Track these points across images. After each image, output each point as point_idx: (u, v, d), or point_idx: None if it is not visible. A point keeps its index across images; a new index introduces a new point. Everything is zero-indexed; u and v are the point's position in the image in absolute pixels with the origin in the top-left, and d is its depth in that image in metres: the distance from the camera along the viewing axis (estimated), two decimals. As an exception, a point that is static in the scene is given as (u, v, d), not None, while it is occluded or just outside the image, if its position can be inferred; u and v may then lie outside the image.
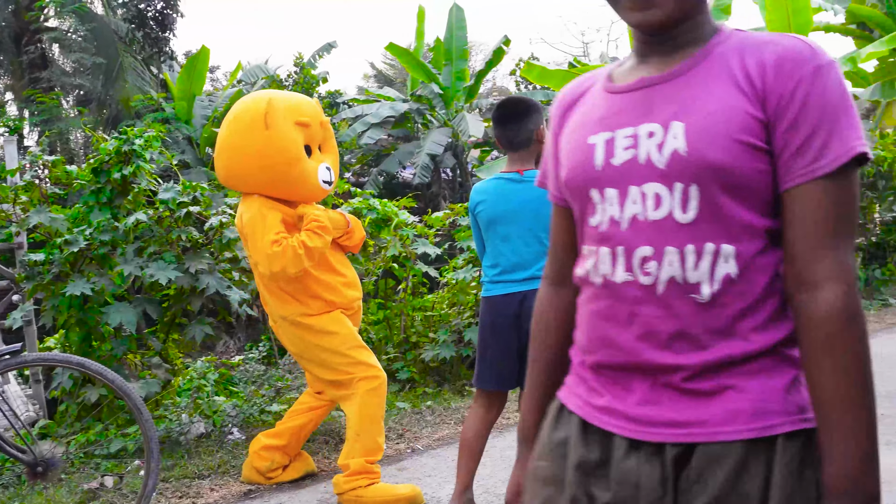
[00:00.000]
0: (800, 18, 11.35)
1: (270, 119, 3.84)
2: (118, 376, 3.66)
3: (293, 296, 3.91)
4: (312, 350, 3.93)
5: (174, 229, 5.29)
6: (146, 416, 3.61)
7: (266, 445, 4.24)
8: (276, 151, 3.85)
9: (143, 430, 3.62)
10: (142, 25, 19.08)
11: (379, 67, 32.39)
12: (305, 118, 3.98)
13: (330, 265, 3.94)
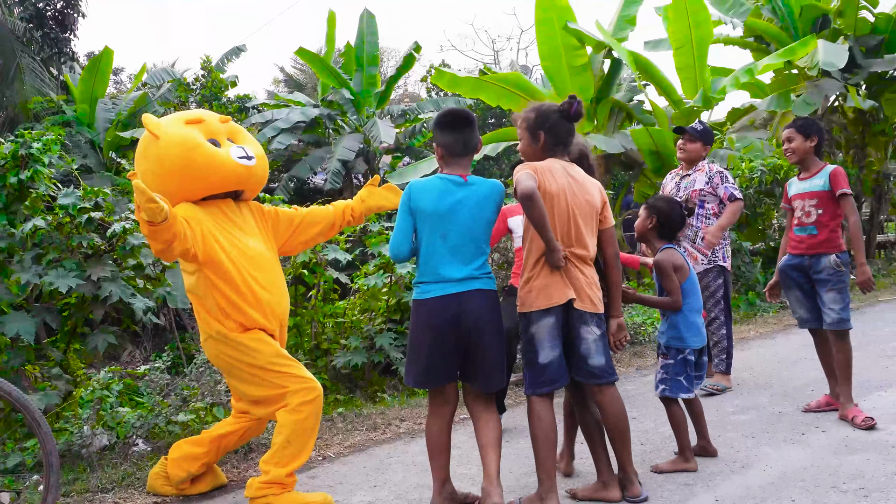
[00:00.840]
0: (701, 31, 11.72)
1: (156, 130, 3.84)
2: (15, 388, 3.51)
3: (209, 313, 3.83)
4: (239, 368, 3.83)
5: (75, 236, 5.11)
6: (45, 429, 3.48)
7: (186, 454, 4.11)
8: (174, 145, 3.81)
9: (42, 443, 3.48)
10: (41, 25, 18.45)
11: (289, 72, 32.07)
12: (193, 117, 4.00)
13: (234, 283, 3.80)
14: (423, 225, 3.55)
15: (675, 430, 4.28)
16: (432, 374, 3.57)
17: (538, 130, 3.75)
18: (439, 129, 3.69)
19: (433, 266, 3.54)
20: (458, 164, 3.67)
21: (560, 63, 11.82)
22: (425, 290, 3.54)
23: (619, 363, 7.01)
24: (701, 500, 3.78)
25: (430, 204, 3.54)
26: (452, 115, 3.71)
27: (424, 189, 3.57)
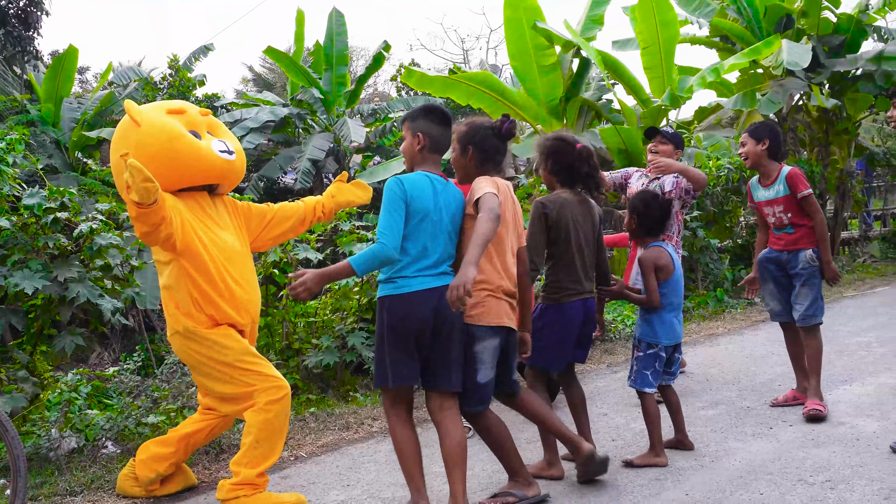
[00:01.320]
0: (667, 31, 11.83)
1: (137, 116, 3.79)
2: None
3: (178, 307, 3.80)
4: (207, 364, 3.79)
5: (40, 236, 5.05)
6: (12, 432, 3.44)
7: (154, 455, 4.07)
8: (156, 133, 3.77)
9: (8, 448, 3.44)
10: (3, 23, 18.17)
11: (258, 71, 31.92)
12: (175, 107, 3.98)
13: (210, 275, 3.79)
14: (417, 220, 3.49)
15: (647, 424, 4.33)
16: (405, 371, 3.48)
17: (468, 144, 3.77)
18: (431, 121, 3.64)
19: (414, 261, 3.48)
20: (435, 162, 3.67)
21: (529, 62, 11.87)
22: (403, 284, 3.47)
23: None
24: (671, 494, 3.81)
25: (423, 200, 3.50)
26: (443, 111, 3.71)
27: (415, 184, 3.51)
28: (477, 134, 3.77)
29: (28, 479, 3.67)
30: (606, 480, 4.03)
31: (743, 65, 11.76)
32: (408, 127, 3.68)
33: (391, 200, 3.47)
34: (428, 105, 3.74)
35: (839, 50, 13.31)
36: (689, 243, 9.61)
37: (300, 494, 3.83)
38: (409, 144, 3.67)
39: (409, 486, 3.53)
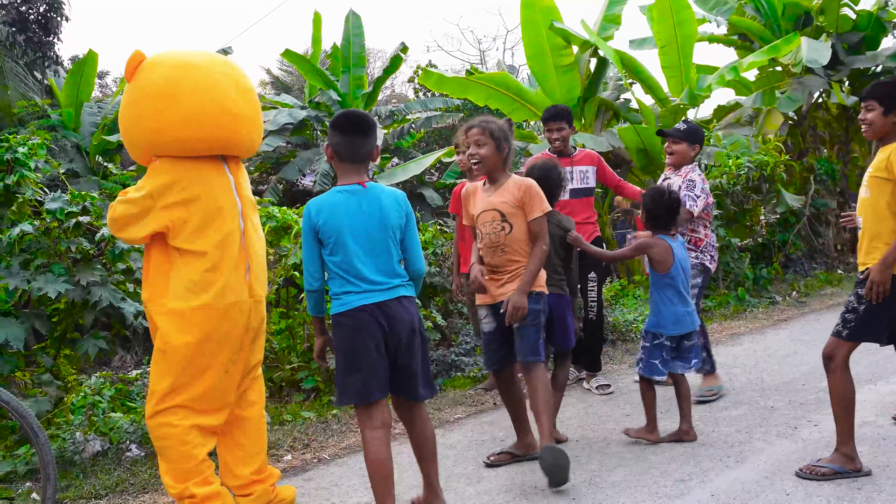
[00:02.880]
0: (685, 30, 11.77)
1: None
2: (12, 396, 3.48)
3: None
4: None
5: (63, 240, 5.08)
6: (43, 438, 3.45)
7: None
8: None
9: (39, 454, 3.45)
10: (24, 29, 18.33)
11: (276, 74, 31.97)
12: None
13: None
14: (332, 243, 3.43)
15: (644, 404, 4.72)
16: (372, 386, 3.42)
17: (504, 142, 4.24)
18: (335, 131, 3.54)
19: (353, 275, 3.43)
20: (354, 170, 3.54)
21: (546, 63, 11.83)
22: (347, 301, 3.43)
23: (611, 360, 7.03)
24: (696, 495, 3.79)
25: (333, 221, 3.42)
26: (347, 116, 3.58)
27: (322, 207, 3.45)
28: (510, 135, 4.29)
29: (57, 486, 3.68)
30: (631, 480, 4.01)
31: (762, 63, 11.67)
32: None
33: (302, 230, 3.54)
34: (336, 115, 3.59)
35: (858, 47, 13.19)
36: (710, 242, 9.54)
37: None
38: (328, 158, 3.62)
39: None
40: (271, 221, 6.20)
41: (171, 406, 3.49)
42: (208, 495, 3.49)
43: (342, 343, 3.47)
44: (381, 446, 3.42)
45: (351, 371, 3.44)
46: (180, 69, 3.57)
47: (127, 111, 3.62)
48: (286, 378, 6.21)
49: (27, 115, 15.54)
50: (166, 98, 3.50)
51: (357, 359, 3.42)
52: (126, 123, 3.63)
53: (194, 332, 3.46)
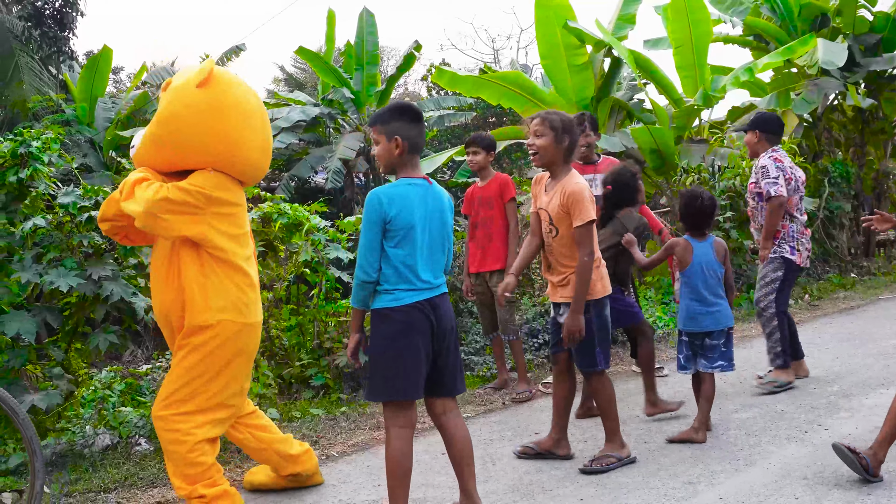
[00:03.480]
0: (700, 30, 11.72)
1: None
2: (6, 393, 3.49)
3: None
4: None
5: (75, 234, 5.09)
6: (31, 433, 3.48)
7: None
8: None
9: (28, 446, 3.48)
10: (39, 24, 18.41)
11: (289, 71, 32.05)
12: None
13: None
14: (401, 236, 3.37)
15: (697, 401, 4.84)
16: (412, 385, 3.41)
17: (565, 134, 4.17)
18: (408, 121, 3.47)
19: (412, 271, 3.40)
20: (415, 163, 3.52)
21: (560, 62, 11.81)
22: (402, 296, 3.39)
23: (620, 362, 7.01)
24: (705, 498, 3.77)
25: (405, 214, 3.37)
26: (414, 108, 3.55)
27: (394, 199, 3.37)
28: (574, 128, 4.20)
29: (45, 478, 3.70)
30: (640, 482, 4.00)
31: (777, 64, 11.61)
32: (380, 131, 3.48)
33: (367, 221, 3.39)
34: (398, 105, 3.57)
35: (875, 49, 13.10)
36: (722, 244, 9.50)
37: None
38: (386, 150, 3.47)
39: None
40: (283, 218, 6.20)
41: (187, 412, 3.53)
42: (218, 495, 3.52)
43: (388, 339, 3.39)
44: (406, 445, 3.41)
45: (395, 368, 3.38)
46: (253, 97, 3.80)
47: (205, 117, 3.57)
48: (295, 375, 6.22)
49: (42, 110, 15.63)
50: (248, 119, 3.69)
51: (404, 356, 3.38)
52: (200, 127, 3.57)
53: (236, 345, 3.62)
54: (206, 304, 3.56)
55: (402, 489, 3.41)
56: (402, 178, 3.47)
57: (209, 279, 3.58)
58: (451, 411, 3.58)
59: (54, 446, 4.68)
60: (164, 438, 3.53)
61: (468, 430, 3.62)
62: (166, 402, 3.54)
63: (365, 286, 3.41)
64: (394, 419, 3.42)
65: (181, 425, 3.51)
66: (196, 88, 3.55)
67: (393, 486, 3.40)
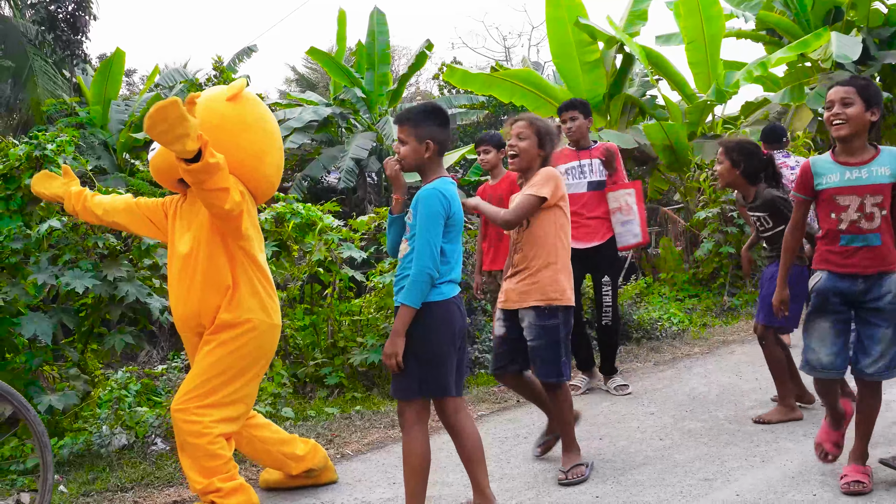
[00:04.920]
0: (713, 26, 11.68)
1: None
2: (14, 391, 3.52)
3: None
4: None
5: (90, 236, 5.13)
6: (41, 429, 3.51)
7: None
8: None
9: (37, 440, 3.50)
10: (52, 28, 18.55)
11: (300, 71, 32.12)
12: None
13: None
14: (449, 232, 3.39)
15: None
16: (454, 382, 3.41)
17: (546, 140, 4.12)
18: (439, 124, 3.48)
19: (454, 266, 3.44)
20: (442, 164, 3.54)
21: (572, 59, 11.79)
22: (444, 290, 3.38)
23: (636, 358, 6.99)
24: (721, 494, 3.76)
25: (459, 211, 3.43)
26: (443, 110, 3.56)
27: (455, 197, 3.42)
28: (555, 140, 4.15)
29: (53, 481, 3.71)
30: (656, 479, 3.99)
31: (790, 58, 11.56)
32: (409, 132, 3.45)
33: (433, 216, 3.33)
34: (430, 107, 3.55)
35: (890, 42, 13.02)
36: (737, 240, 9.47)
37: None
38: (415, 151, 3.45)
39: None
40: (296, 218, 6.22)
41: (207, 405, 3.56)
42: (234, 489, 3.54)
43: (430, 332, 3.34)
44: (427, 443, 3.40)
45: (436, 363, 3.35)
46: (272, 118, 3.94)
47: (236, 128, 3.70)
48: (310, 374, 6.23)
49: (56, 113, 15.73)
50: (269, 136, 3.85)
51: (443, 351, 3.36)
52: (230, 137, 3.66)
53: (262, 345, 3.70)
54: (239, 302, 3.64)
55: (423, 488, 3.40)
56: (439, 177, 3.46)
57: (242, 278, 3.67)
58: (462, 410, 3.56)
59: (71, 446, 4.70)
60: (184, 431, 3.55)
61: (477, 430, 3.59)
62: (188, 396, 3.57)
63: (428, 284, 3.32)
64: (417, 418, 3.39)
65: (202, 418, 3.53)
66: (226, 101, 3.71)
67: (414, 486, 3.38)
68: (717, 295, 9.74)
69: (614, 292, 5.85)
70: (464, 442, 3.52)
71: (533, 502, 3.81)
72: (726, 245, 9.46)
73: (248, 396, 3.72)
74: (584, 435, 4.82)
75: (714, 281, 10.01)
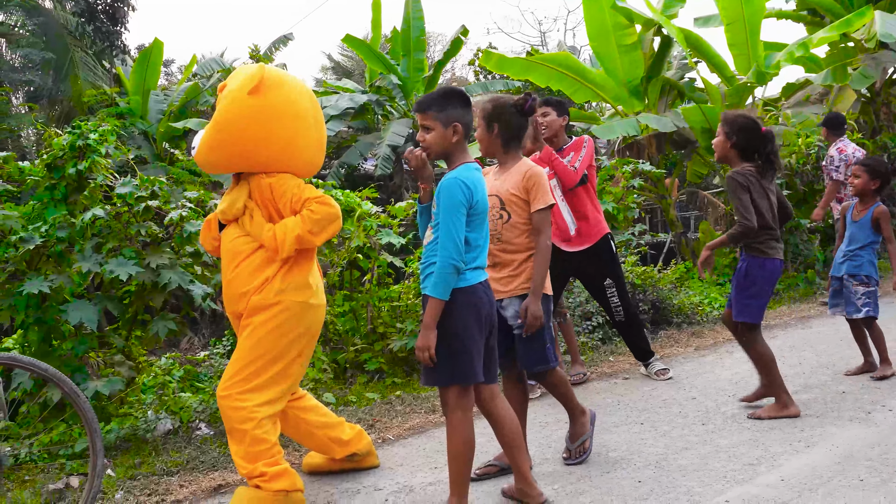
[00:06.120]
0: (752, 6, 11.48)
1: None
2: (66, 378, 3.57)
3: None
4: None
5: (133, 224, 5.19)
6: (91, 415, 3.56)
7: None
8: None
9: (87, 426, 3.56)
10: (92, 19, 18.76)
11: (336, 59, 32.22)
12: None
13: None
14: (472, 220, 3.36)
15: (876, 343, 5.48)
16: (479, 367, 3.38)
17: (493, 122, 3.87)
18: (463, 106, 3.43)
19: (479, 252, 3.41)
20: (467, 148, 3.50)
21: (609, 42, 11.68)
22: (469, 276, 3.36)
23: (676, 343, 6.93)
24: (766, 479, 3.72)
25: (483, 198, 3.38)
26: (464, 93, 3.50)
27: (475, 183, 3.36)
28: (503, 112, 3.84)
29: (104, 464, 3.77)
30: (699, 463, 3.96)
31: (833, 38, 11.33)
32: (435, 118, 3.40)
33: (455, 206, 3.30)
34: (450, 90, 3.51)
35: (937, 20, 12.71)
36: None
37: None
38: (442, 136, 3.41)
39: (459, 489, 3.39)
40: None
41: (250, 390, 3.60)
42: (279, 473, 3.58)
43: (454, 319, 3.32)
44: (471, 429, 3.38)
45: (461, 349, 3.33)
46: (306, 96, 3.87)
47: (258, 123, 3.68)
48: (350, 359, 6.27)
49: (96, 104, 15.94)
50: (301, 119, 3.80)
51: (471, 337, 3.34)
52: (254, 133, 3.67)
53: (299, 325, 3.70)
54: (270, 284, 3.66)
55: (467, 475, 3.40)
56: (463, 163, 3.42)
57: (273, 262, 3.70)
58: (497, 397, 3.56)
59: (118, 431, 4.78)
60: (230, 417, 3.59)
61: (515, 415, 3.59)
62: (230, 383, 3.61)
63: (454, 275, 3.29)
64: (460, 403, 3.36)
65: (246, 403, 3.57)
66: (248, 95, 3.66)
67: (457, 471, 3.38)
68: (759, 279, 9.61)
69: (621, 289, 5.63)
70: (502, 428, 3.52)
71: (574, 487, 3.80)
72: (768, 229, 9.32)
73: (291, 377, 3.74)
74: (624, 420, 4.81)
75: (755, 265, 9.87)
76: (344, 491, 3.97)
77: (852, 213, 5.59)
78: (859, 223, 5.51)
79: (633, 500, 3.61)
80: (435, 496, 3.81)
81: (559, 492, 3.74)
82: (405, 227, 7.07)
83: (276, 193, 3.68)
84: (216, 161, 3.78)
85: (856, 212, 5.58)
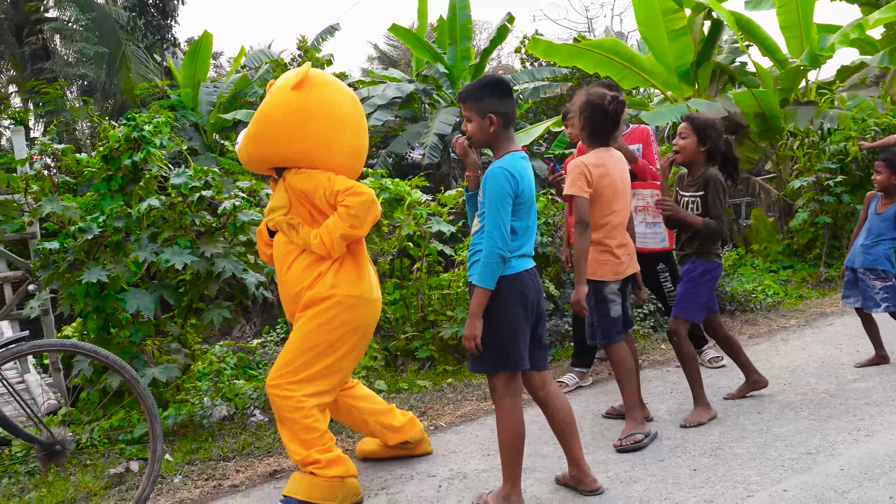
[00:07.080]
0: (806, -11, 11.25)
1: None
2: (126, 365, 3.65)
3: None
4: None
5: (187, 214, 5.26)
6: (151, 402, 3.63)
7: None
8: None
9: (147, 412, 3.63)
10: (143, 13, 19.03)
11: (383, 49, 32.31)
12: None
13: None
14: (519, 209, 3.35)
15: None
16: (525, 354, 3.38)
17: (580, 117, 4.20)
18: (500, 97, 3.40)
19: (526, 241, 3.40)
20: (512, 136, 3.47)
21: (658, 27, 11.53)
22: (515, 264, 3.35)
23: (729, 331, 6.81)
24: (825, 469, 3.66)
25: (529, 187, 3.37)
26: (503, 81, 3.48)
27: (521, 173, 3.35)
28: (587, 110, 4.15)
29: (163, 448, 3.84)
30: (755, 452, 3.91)
31: (889, 19, 11.03)
32: (472, 108, 3.41)
33: (500, 196, 3.28)
34: (488, 80, 3.47)
35: None
36: (834, 209, 9.16)
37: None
38: (480, 127, 3.40)
39: (511, 476, 3.41)
40: (384, 193, 6.27)
41: (299, 381, 3.64)
42: (332, 460, 3.62)
43: (500, 306, 3.32)
44: (520, 416, 3.39)
45: (507, 336, 3.33)
46: (349, 103, 3.86)
47: (294, 118, 3.69)
48: (401, 347, 6.30)
49: (148, 96, 16.19)
50: (339, 123, 3.77)
51: (517, 324, 3.34)
52: (288, 127, 3.70)
53: (351, 319, 3.71)
54: (323, 278, 3.69)
55: (519, 461, 3.40)
56: (508, 152, 3.41)
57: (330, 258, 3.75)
58: (550, 384, 3.55)
59: (175, 417, 4.87)
60: (280, 406, 3.63)
61: (569, 403, 3.58)
62: (280, 372, 3.65)
63: (500, 265, 3.29)
64: (508, 390, 3.38)
65: (294, 393, 3.61)
66: (291, 90, 3.70)
67: (509, 458, 3.39)
68: (813, 266, 9.45)
69: (674, 274, 5.50)
70: (554, 416, 3.52)
71: (628, 475, 3.78)
72: (822, 215, 9.16)
73: (341, 371, 3.75)
74: (678, 408, 4.77)
75: (809, 251, 9.71)
76: (398, 477, 4.00)
77: (876, 204, 5.46)
78: (882, 216, 5.42)
79: (689, 488, 3.58)
80: (488, 483, 3.81)
81: (613, 479, 3.73)
82: (455, 215, 7.07)
83: (309, 188, 3.69)
84: (256, 154, 3.81)
85: (880, 204, 5.47)
